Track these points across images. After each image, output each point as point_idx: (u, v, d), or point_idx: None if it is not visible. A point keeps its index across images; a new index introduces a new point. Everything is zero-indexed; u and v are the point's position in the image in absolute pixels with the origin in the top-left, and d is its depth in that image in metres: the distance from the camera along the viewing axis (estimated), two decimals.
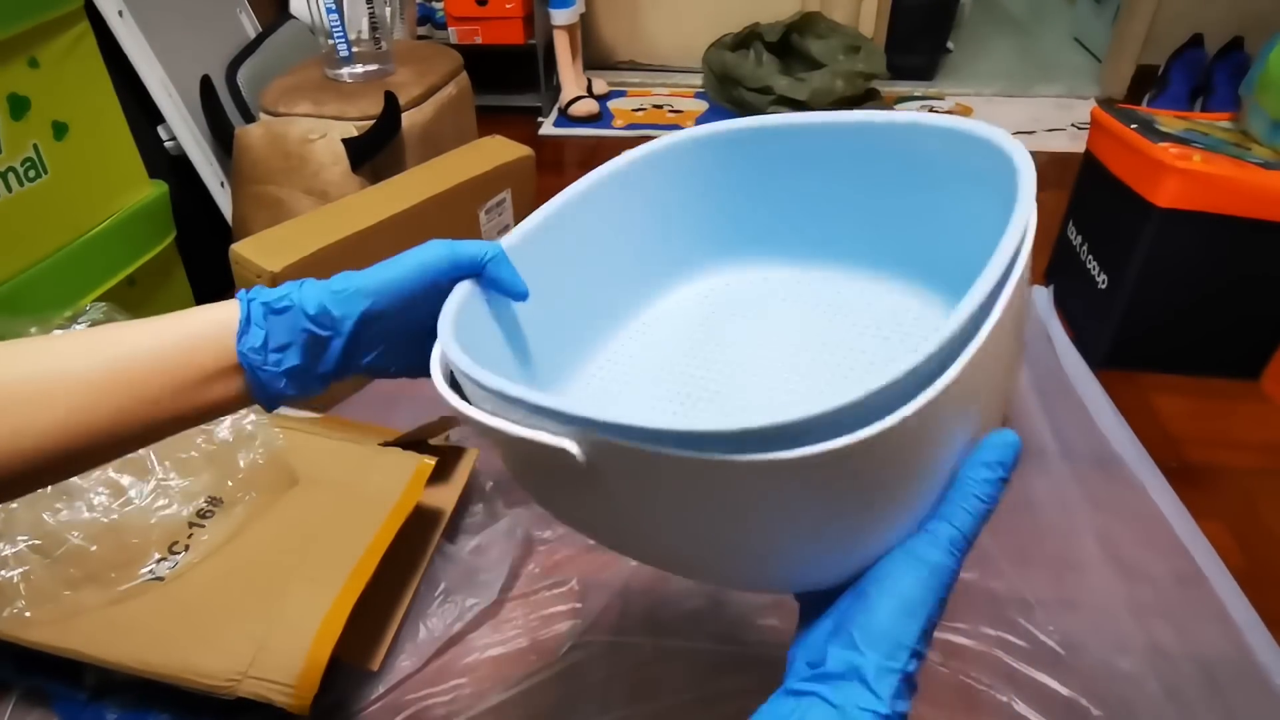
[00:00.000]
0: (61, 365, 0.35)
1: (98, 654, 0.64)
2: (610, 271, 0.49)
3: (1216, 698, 0.72)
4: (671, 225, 0.51)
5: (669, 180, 0.49)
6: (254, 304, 0.38)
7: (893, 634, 0.29)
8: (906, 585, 0.30)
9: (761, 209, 0.50)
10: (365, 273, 0.41)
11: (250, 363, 0.38)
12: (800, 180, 0.48)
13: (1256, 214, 0.97)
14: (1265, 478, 0.95)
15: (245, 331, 0.38)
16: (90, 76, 0.91)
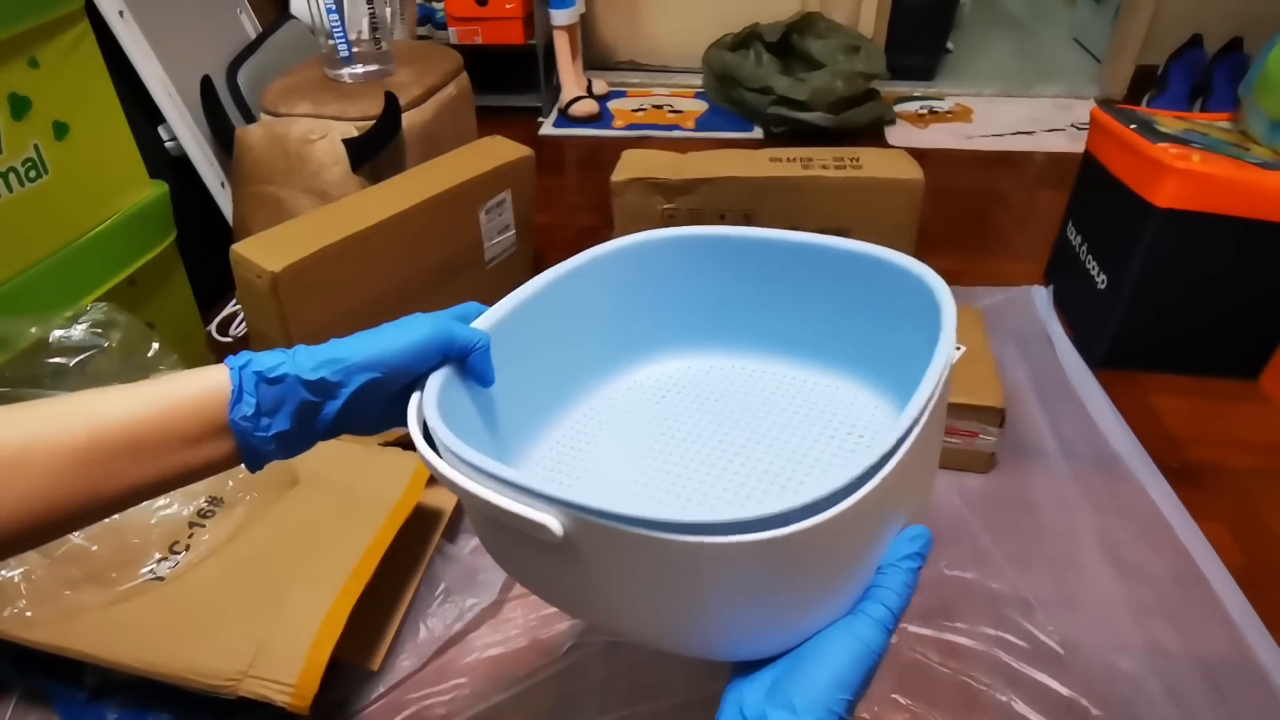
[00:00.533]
0: (41, 432, 0.35)
1: (98, 654, 0.64)
2: (576, 351, 0.54)
3: (1216, 697, 0.72)
4: (636, 313, 0.56)
5: (638, 272, 0.55)
6: (245, 372, 0.39)
7: (825, 701, 0.33)
8: (842, 659, 0.34)
9: (717, 306, 0.57)
10: (359, 344, 0.42)
11: (241, 430, 0.38)
12: (756, 284, 0.55)
13: (1256, 214, 0.97)
14: (1265, 478, 0.95)
15: (238, 400, 0.38)
16: (91, 77, 0.91)
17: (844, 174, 1.06)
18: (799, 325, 0.56)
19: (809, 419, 0.54)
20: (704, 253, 0.55)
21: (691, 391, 0.57)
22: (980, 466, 0.95)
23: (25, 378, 0.80)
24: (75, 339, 0.84)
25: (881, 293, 0.52)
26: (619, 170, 1.11)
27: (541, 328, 0.50)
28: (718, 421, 0.54)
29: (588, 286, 0.52)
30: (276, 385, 0.39)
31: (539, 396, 0.52)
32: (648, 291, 0.56)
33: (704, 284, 0.56)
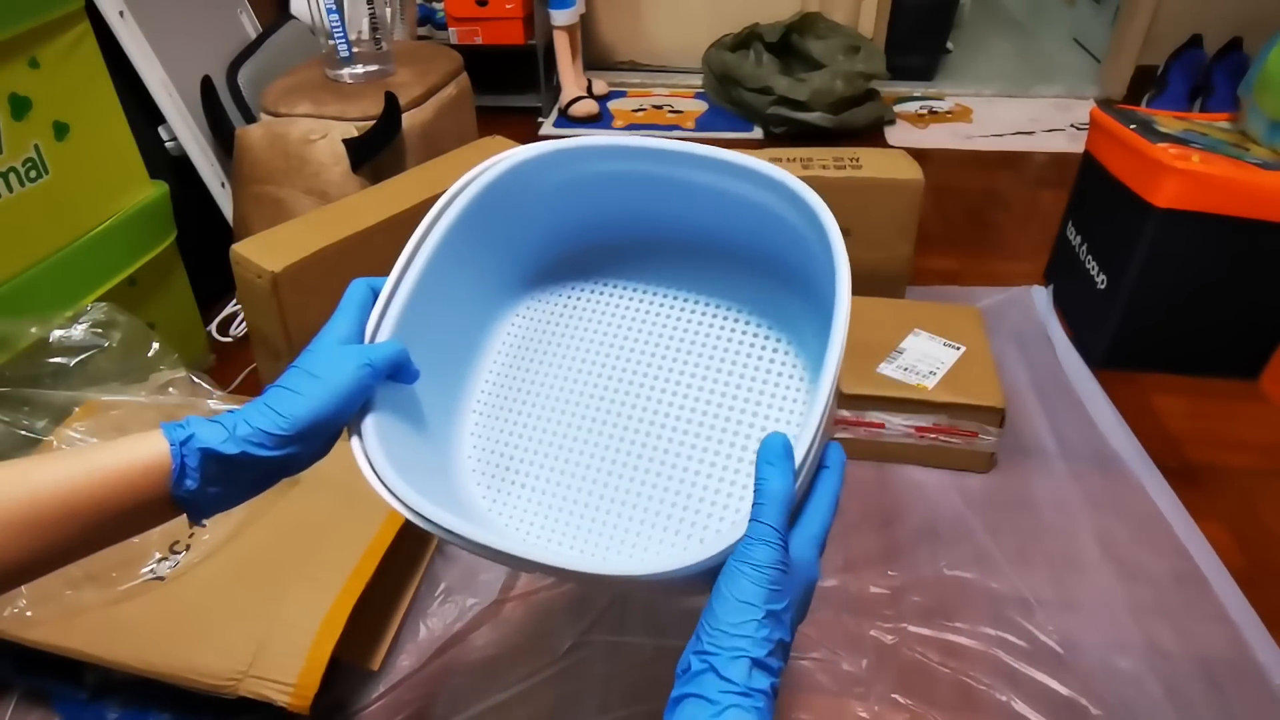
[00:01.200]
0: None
1: (98, 653, 0.64)
2: (460, 313, 0.53)
3: (1216, 697, 0.72)
4: (510, 251, 0.54)
5: (500, 212, 0.52)
6: (188, 449, 0.38)
7: (732, 627, 0.35)
8: (737, 586, 0.36)
9: (587, 230, 0.55)
10: (299, 405, 0.41)
11: (185, 500, 0.39)
12: (621, 200, 0.53)
13: (1255, 214, 0.97)
14: (1264, 478, 0.96)
15: (180, 478, 0.38)
16: (91, 77, 0.91)
17: (844, 174, 1.06)
18: (672, 244, 0.54)
19: (703, 352, 0.53)
20: (564, 170, 0.52)
21: (571, 332, 0.55)
22: (980, 466, 0.95)
23: (25, 378, 0.81)
24: (75, 339, 0.84)
25: (751, 207, 0.49)
26: None
27: (428, 303, 0.48)
28: (612, 366, 0.53)
29: (454, 247, 0.50)
30: (219, 461, 0.39)
31: (445, 375, 0.52)
32: (507, 227, 0.53)
33: (565, 210, 0.54)
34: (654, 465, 0.50)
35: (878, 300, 1.08)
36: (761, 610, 0.35)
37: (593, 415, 0.52)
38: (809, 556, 0.39)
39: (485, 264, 0.53)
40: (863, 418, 0.95)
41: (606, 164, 0.51)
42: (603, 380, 0.53)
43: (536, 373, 0.54)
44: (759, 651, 0.35)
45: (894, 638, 0.77)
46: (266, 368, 1.03)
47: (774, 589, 0.36)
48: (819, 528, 0.40)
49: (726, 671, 0.34)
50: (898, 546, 0.87)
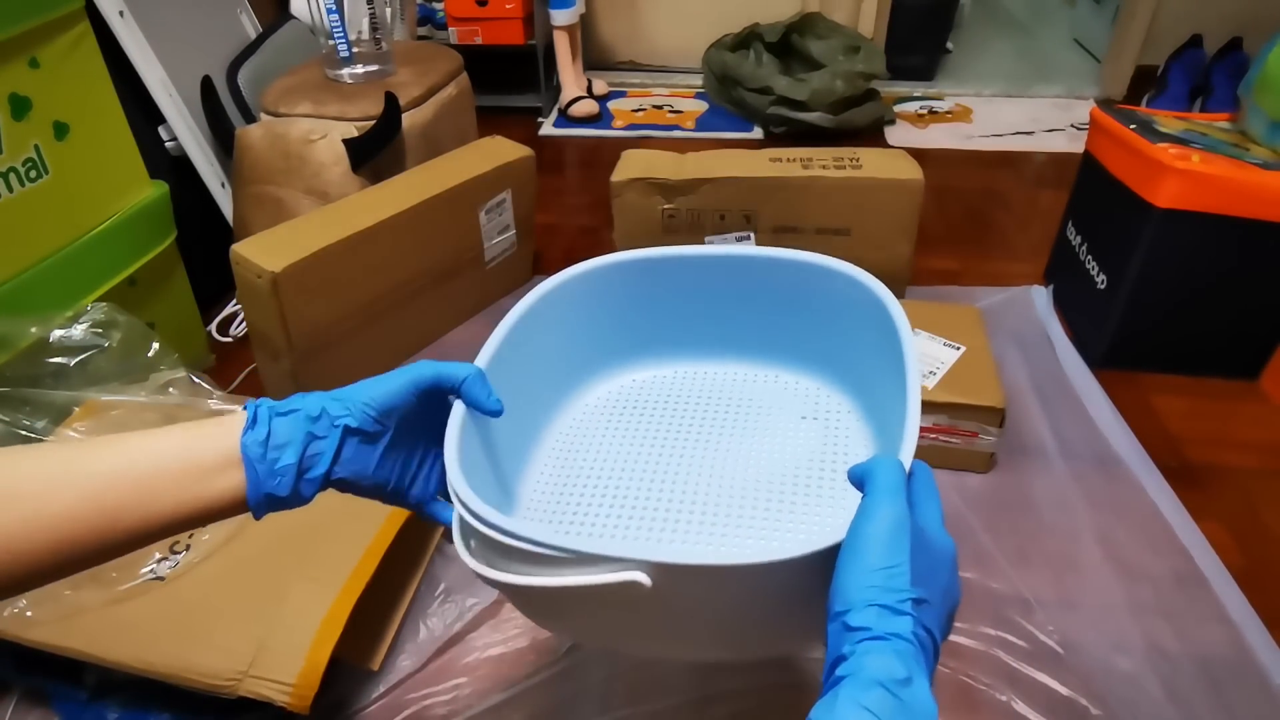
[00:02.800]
0: (69, 461, 0.38)
1: (98, 653, 0.64)
2: (543, 379, 0.58)
3: (1216, 697, 0.72)
4: (592, 334, 0.60)
5: (598, 295, 0.59)
6: (261, 407, 0.42)
7: (855, 584, 0.33)
8: (853, 547, 0.35)
9: (672, 318, 0.62)
10: (358, 385, 0.44)
11: (251, 455, 0.40)
12: (707, 296, 0.60)
13: (1255, 214, 0.97)
14: (1264, 478, 0.96)
15: (251, 427, 0.41)
16: (91, 77, 0.91)
17: (844, 174, 1.06)
18: (748, 329, 0.61)
19: (775, 415, 0.59)
20: (653, 271, 0.59)
21: (656, 402, 0.61)
22: (980, 466, 0.95)
23: (25, 378, 0.81)
24: (76, 339, 0.84)
25: (819, 294, 0.57)
26: (619, 170, 1.11)
27: (514, 364, 0.52)
28: (688, 430, 0.58)
29: (546, 319, 0.56)
30: (287, 417, 0.41)
31: (521, 430, 0.55)
32: (599, 314, 0.60)
33: (653, 301, 0.61)
34: (719, 520, 0.52)
35: None
36: (884, 561, 0.33)
37: (655, 479, 0.55)
38: (934, 525, 0.38)
39: (570, 338, 0.59)
40: None
41: (685, 271, 0.59)
42: (668, 448, 0.57)
43: (608, 438, 0.59)
44: (888, 599, 0.32)
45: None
46: (266, 368, 1.03)
47: (895, 541, 0.34)
48: (935, 509, 0.40)
49: (855, 620, 0.32)
50: None
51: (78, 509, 0.37)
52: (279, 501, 0.41)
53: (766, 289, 0.59)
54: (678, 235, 1.12)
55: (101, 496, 0.37)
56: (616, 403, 0.61)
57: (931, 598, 0.34)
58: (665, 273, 0.59)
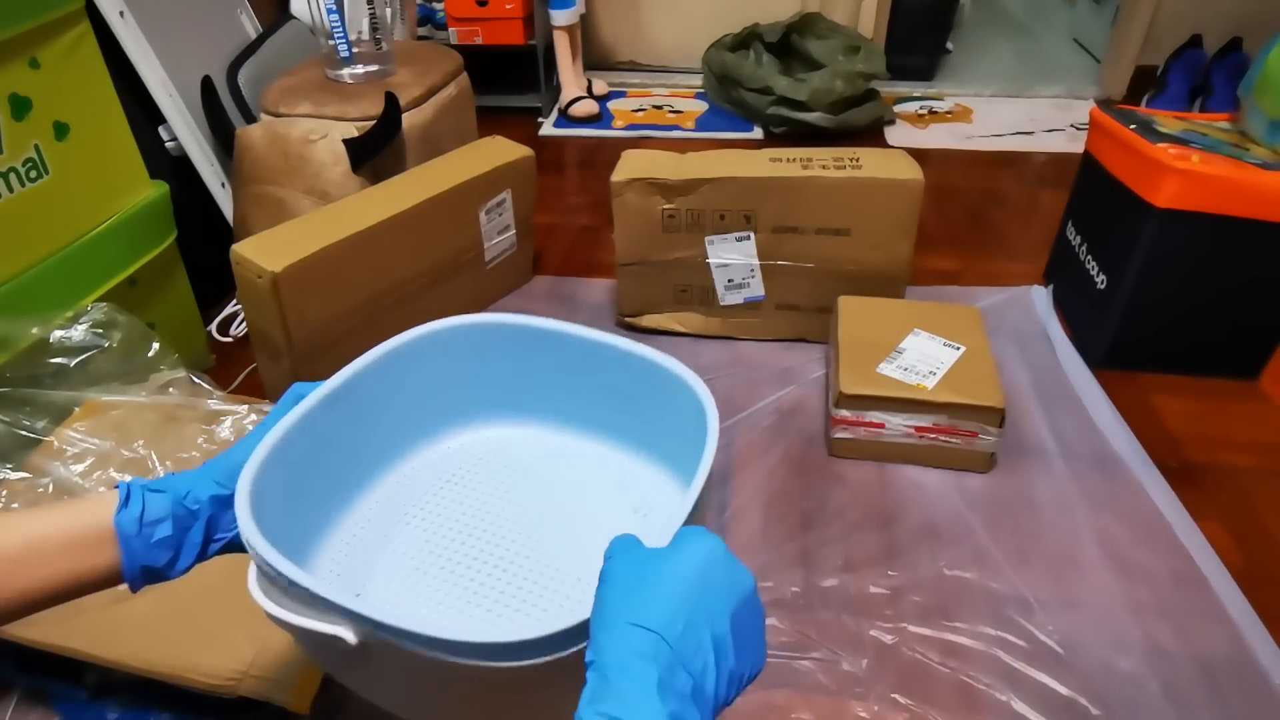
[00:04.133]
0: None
1: (98, 653, 0.64)
2: (380, 430, 0.58)
3: (1215, 697, 0.72)
4: (427, 396, 0.60)
5: (439, 355, 0.59)
6: (134, 486, 0.43)
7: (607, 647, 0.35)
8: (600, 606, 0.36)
9: (513, 385, 0.61)
10: (226, 454, 0.46)
11: (125, 532, 0.42)
12: (546, 366, 0.60)
13: (1255, 214, 0.97)
14: (1264, 477, 0.96)
15: (125, 505, 0.42)
16: (91, 77, 0.91)
17: (844, 174, 1.06)
18: (588, 405, 0.61)
19: (593, 493, 0.59)
20: (499, 337, 0.60)
21: (482, 467, 0.61)
22: (980, 466, 0.95)
23: (25, 378, 0.81)
24: (76, 339, 0.84)
25: (657, 391, 0.55)
26: (619, 170, 1.11)
27: (339, 423, 0.53)
28: (508, 499, 0.59)
29: (378, 380, 0.56)
30: (159, 494, 0.43)
31: (336, 488, 0.56)
32: (436, 375, 0.60)
33: (497, 367, 0.61)
34: (511, 595, 0.53)
35: (878, 300, 1.08)
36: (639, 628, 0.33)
37: (465, 542, 0.56)
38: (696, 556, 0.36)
39: (410, 395, 0.59)
40: (863, 418, 0.95)
41: (545, 345, 0.59)
42: (490, 515, 0.58)
43: (439, 495, 0.59)
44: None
45: (894, 638, 0.77)
46: (266, 368, 1.03)
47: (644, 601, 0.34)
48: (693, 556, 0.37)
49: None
50: (898, 546, 0.87)
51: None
52: (156, 573, 0.44)
53: (613, 374, 0.58)
54: (678, 235, 1.12)
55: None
56: (460, 458, 0.62)
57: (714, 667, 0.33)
58: (528, 341, 0.59)
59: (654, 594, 0.34)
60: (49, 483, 0.72)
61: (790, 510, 0.92)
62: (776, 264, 1.12)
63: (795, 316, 1.17)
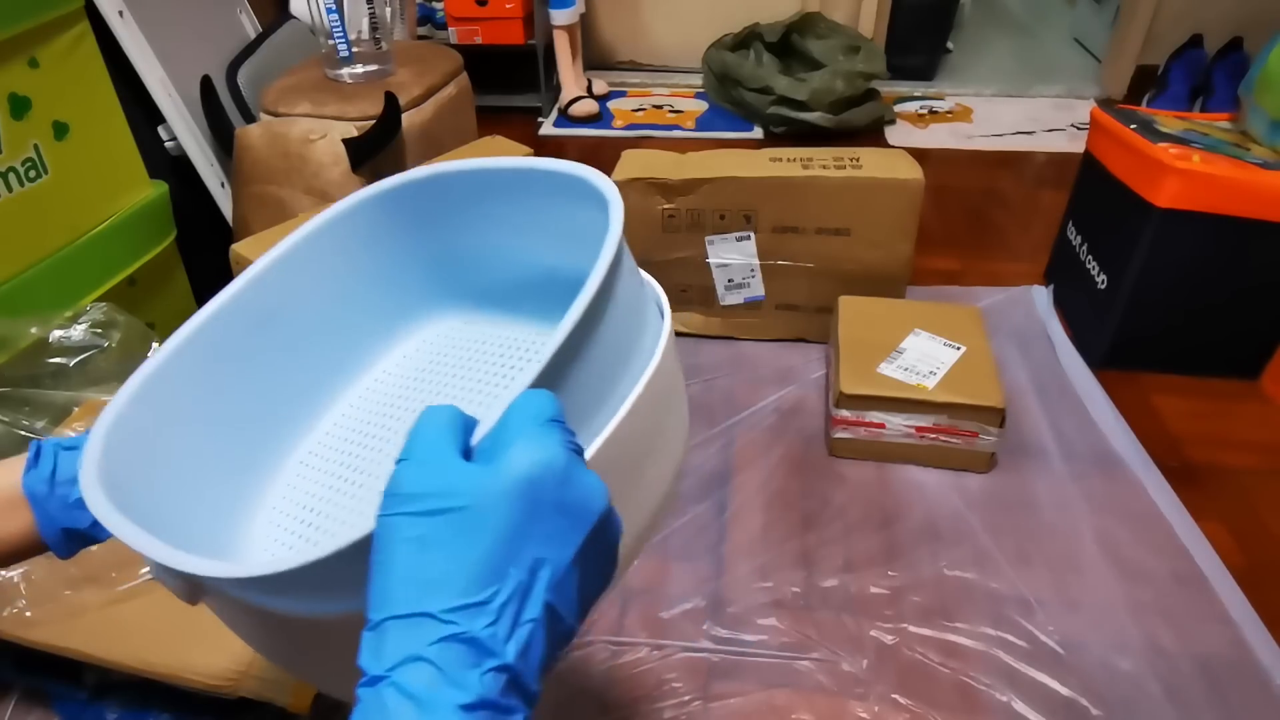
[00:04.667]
0: None
1: (98, 653, 0.64)
2: (297, 348, 0.48)
3: (1216, 697, 0.72)
4: (354, 289, 0.50)
5: (348, 245, 0.49)
6: (45, 445, 0.39)
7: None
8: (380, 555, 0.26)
9: (430, 262, 0.50)
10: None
11: (37, 493, 0.38)
12: (459, 229, 0.49)
13: (1256, 214, 0.97)
14: (1265, 478, 0.95)
15: (33, 465, 0.38)
16: (91, 77, 0.91)
17: (844, 174, 1.06)
18: (505, 274, 0.49)
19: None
20: (395, 205, 0.49)
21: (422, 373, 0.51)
22: (981, 466, 0.95)
23: (25, 378, 0.80)
24: (75, 339, 0.84)
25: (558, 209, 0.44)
26: (619, 170, 1.11)
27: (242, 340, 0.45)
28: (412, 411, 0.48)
29: (294, 274, 0.47)
30: (74, 451, 0.39)
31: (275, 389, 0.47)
32: (348, 266, 0.49)
33: (404, 242, 0.50)
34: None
35: (878, 300, 1.08)
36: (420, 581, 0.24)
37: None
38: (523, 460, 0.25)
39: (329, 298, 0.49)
40: (863, 418, 0.95)
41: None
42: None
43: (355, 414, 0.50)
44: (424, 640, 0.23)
45: (894, 638, 0.77)
46: None
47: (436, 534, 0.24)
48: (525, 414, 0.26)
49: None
50: (898, 547, 0.87)
51: None
52: (82, 536, 0.39)
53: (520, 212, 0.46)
54: (678, 235, 1.12)
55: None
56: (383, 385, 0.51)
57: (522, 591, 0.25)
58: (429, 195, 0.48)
59: (457, 546, 0.24)
60: None
61: (790, 510, 0.91)
62: (776, 264, 1.12)
63: (795, 316, 1.17)
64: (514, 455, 0.25)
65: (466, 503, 0.24)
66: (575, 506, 0.26)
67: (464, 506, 0.24)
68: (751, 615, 0.79)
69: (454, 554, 0.24)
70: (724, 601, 0.81)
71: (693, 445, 0.98)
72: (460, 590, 0.24)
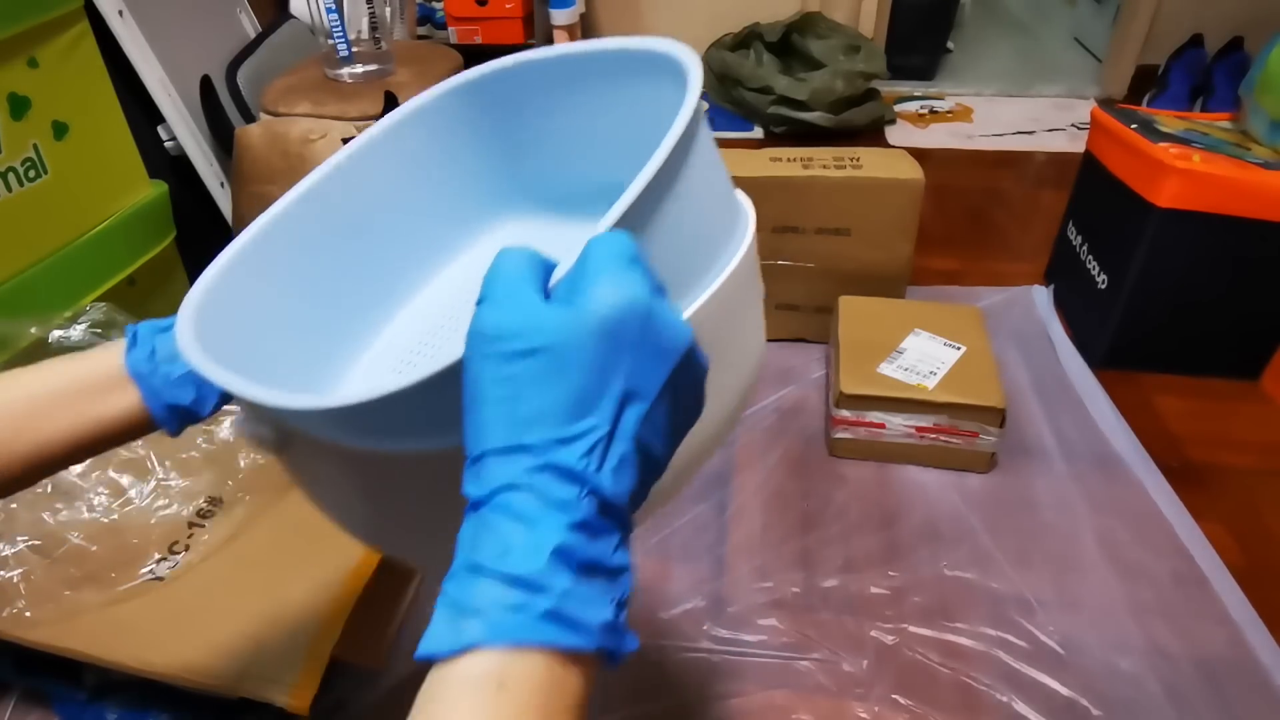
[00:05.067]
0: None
1: (98, 654, 0.64)
2: (387, 236, 0.49)
3: (1217, 698, 0.72)
4: (443, 184, 0.50)
5: (429, 139, 0.49)
6: (141, 327, 0.41)
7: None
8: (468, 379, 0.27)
9: (505, 161, 0.50)
10: None
11: (141, 371, 0.40)
12: (536, 124, 0.48)
13: (1257, 214, 0.97)
14: (1265, 478, 0.95)
15: (132, 347, 0.41)
16: (90, 76, 0.91)
17: (844, 174, 1.06)
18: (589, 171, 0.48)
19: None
20: (480, 99, 0.48)
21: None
22: (981, 467, 0.95)
23: None
24: (75, 339, 0.84)
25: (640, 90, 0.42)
26: None
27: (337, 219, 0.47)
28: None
29: (381, 165, 0.49)
30: (169, 333, 0.41)
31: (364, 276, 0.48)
32: (436, 159, 0.50)
33: (490, 138, 0.49)
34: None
35: (878, 300, 1.08)
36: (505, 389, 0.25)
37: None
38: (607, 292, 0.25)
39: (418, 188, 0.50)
40: (863, 418, 0.95)
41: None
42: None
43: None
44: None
45: (894, 638, 0.77)
46: None
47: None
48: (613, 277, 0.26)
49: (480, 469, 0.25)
50: (898, 547, 0.86)
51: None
52: (187, 413, 0.41)
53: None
54: None
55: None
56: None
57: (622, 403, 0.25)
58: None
59: (545, 385, 0.25)
60: (48, 483, 0.72)
61: (790, 510, 0.91)
62: (776, 264, 1.12)
63: (795, 316, 1.17)
64: (597, 293, 0.25)
65: (551, 341, 0.25)
66: (660, 342, 0.26)
67: (549, 345, 0.25)
68: (752, 615, 0.79)
69: (543, 392, 0.25)
70: (724, 602, 0.81)
71: None
72: (552, 425, 0.25)
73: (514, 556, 0.24)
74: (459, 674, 0.23)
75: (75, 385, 0.39)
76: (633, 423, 0.26)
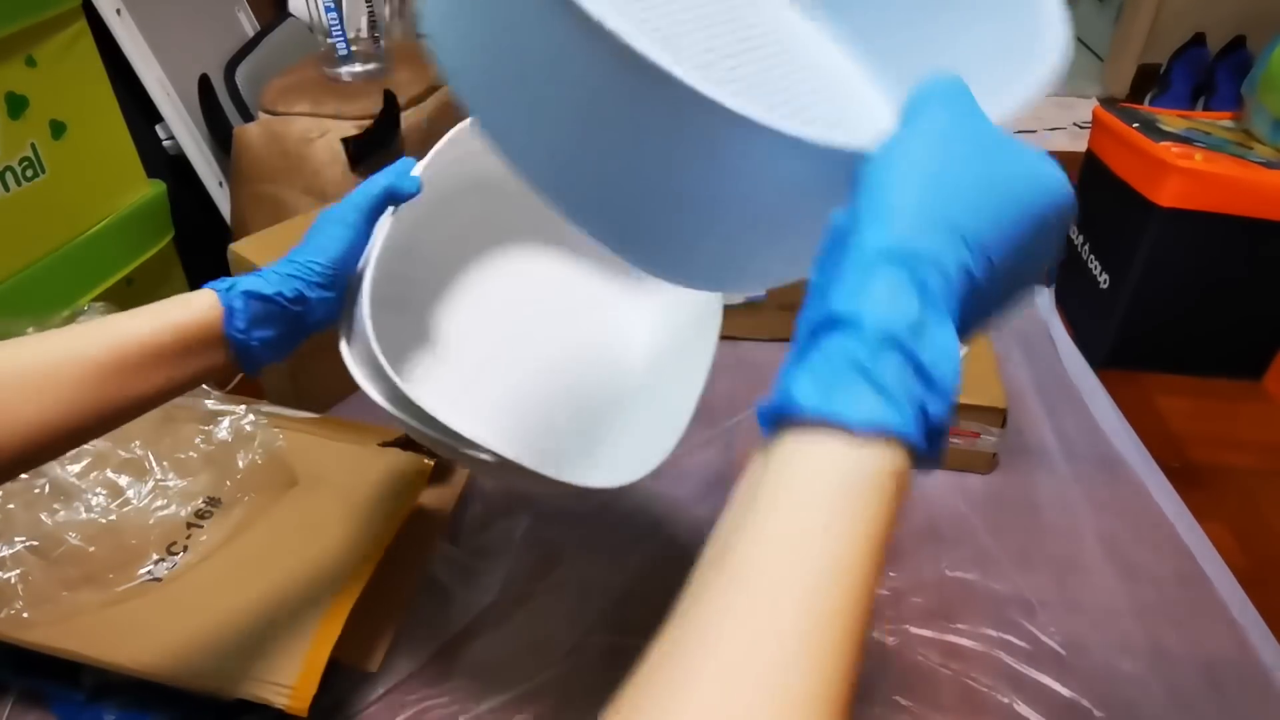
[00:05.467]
0: (67, 348, 0.42)
1: (96, 655, 0.64)
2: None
3: (1219, 698, 0.72)
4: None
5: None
6: (234, 294, 0.46)
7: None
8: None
9: None
10: (311, 244, 0.50)
11: (238, 340, 0.46)
12: None
13: (1259, 213, 0.97)
14: (1268, 478, 0.95)
15: (231, 317, 0.46)
16: (88, 75, 0.91)
17: None
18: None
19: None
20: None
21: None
22: (982, 467, 0.95)
23: None
24: None
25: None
26: None
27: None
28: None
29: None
30: (261, 300, 0.47)
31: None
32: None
33: None
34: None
35: None
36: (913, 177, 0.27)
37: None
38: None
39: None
40: None
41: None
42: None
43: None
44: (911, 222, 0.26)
45: (895, 639, 0.77)
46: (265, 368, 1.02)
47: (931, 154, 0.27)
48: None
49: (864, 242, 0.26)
50: (899, 547, 0.86)
51: (76, 394, 0.41)
52: (269, 362, 0.49)
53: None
54: None
55: (101, 378, 0.41)
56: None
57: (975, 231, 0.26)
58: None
59: (965, 183, 0.27)
60: (45, 483, 0.71)
61: None
62: None
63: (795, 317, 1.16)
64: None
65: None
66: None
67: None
68: None
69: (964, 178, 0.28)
70: None
71: (692, 447, 0.97)
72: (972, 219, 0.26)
73: (936, 356, 0.24)
74: (852, 459, 0.23)
75: (181, 347, 0.44)
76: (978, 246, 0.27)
